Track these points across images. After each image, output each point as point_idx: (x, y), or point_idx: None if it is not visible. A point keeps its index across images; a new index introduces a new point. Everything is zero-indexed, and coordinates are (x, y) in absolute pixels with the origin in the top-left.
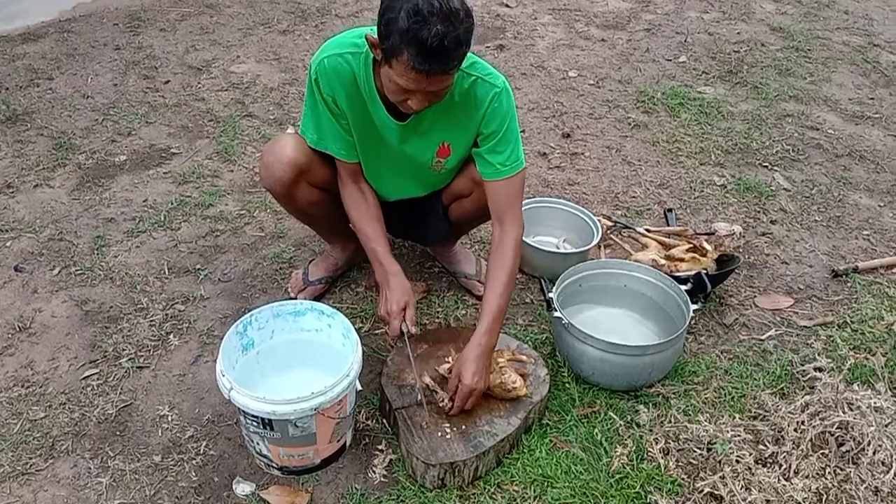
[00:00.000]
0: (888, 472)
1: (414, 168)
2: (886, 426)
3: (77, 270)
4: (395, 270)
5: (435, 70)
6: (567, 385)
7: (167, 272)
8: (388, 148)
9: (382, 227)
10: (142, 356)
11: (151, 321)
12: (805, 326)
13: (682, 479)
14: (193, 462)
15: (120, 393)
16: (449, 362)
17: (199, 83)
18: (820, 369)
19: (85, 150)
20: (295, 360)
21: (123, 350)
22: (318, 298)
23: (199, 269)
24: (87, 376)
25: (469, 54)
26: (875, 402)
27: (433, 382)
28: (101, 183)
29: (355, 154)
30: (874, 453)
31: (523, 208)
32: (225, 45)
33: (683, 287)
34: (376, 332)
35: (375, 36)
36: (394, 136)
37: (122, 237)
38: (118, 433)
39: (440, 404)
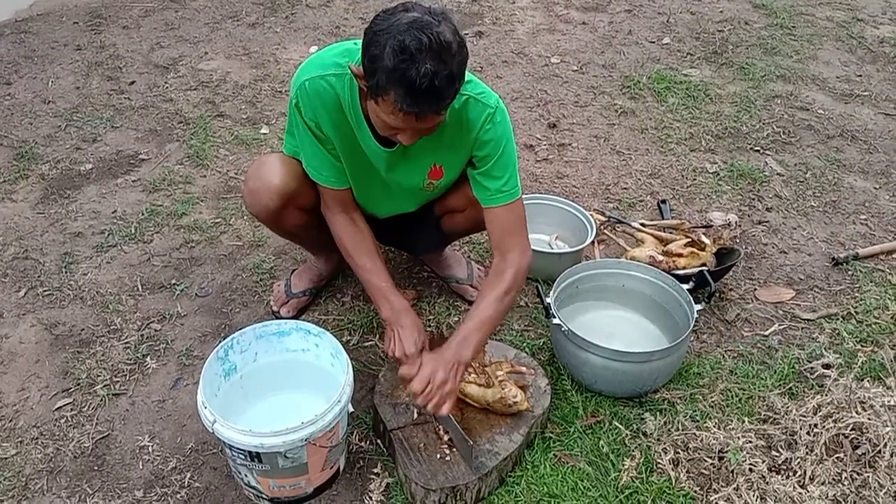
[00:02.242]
0: None
1: (405, 191)
2: None
3: (45, 291)
4: (404, 307)
5: (425, 112)
6: (568, 394)
7: (141, 289)
8: (377, 173)
9: (381, 258)
10: (118, 382)
11: (126, 343)
12: (809, 319)
13: (695, 491)
14: (178, 496)
15: (96, 423)
16: None
17: (166, 83)
18: (828, 366)
19: (48, 160)
20: (281, 383)
21: (98, 376)
22: (302, 311)
23: (174, 283)
24: (60, 407)
25: None
26: (888, 401)
27: None
28: (66, 194)
29: (345, 180)
30: (891, 455)
31: None
32: (192, 41)
33: (685, 286)
34: (365, 344)
35: (359, 67)
36: (382, 162)
37: (91, 253)
38: (96, 468)
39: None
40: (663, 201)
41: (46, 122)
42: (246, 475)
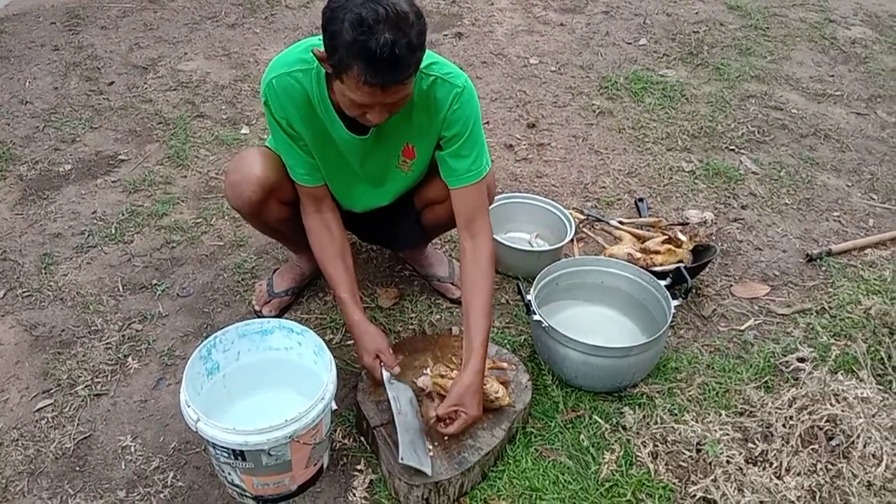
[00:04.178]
0: (879, 464)
1: (381, 177)
2: (874, 416)
3: (24, 292)
4: (357, 319)
5: (389, 82)
6: (549, 389)
7: (121, 289)
8: (351, 165)
9: (347, 264)
10: (99, 383)
11: (107, 344)
12: (783, 314)
13: (674, 483)
14: (161, 496)
15: (77, 424)
16: (427, 374)
17: (145, 83)
18: (802, 360)
19: (26, 161)
20: (264, 381)
21: (79, 377)
22: (284, 310)
23: (155, 284)
24: (41, 408)
25: (428, 52)
26: (861, 393)
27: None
28: (45, 195)
29: (319, 176)
30: (864, 446)
31: (494, 205)
32: (171, 41)
33: (663, 282)
34: (348, 342)
35: (322, 50)
36: (356, 152)
37: (71, 253)
38: (78, 469)
39: (429, 418)
40: (641, 199)
41: (24, 122)
42: (230, 474)
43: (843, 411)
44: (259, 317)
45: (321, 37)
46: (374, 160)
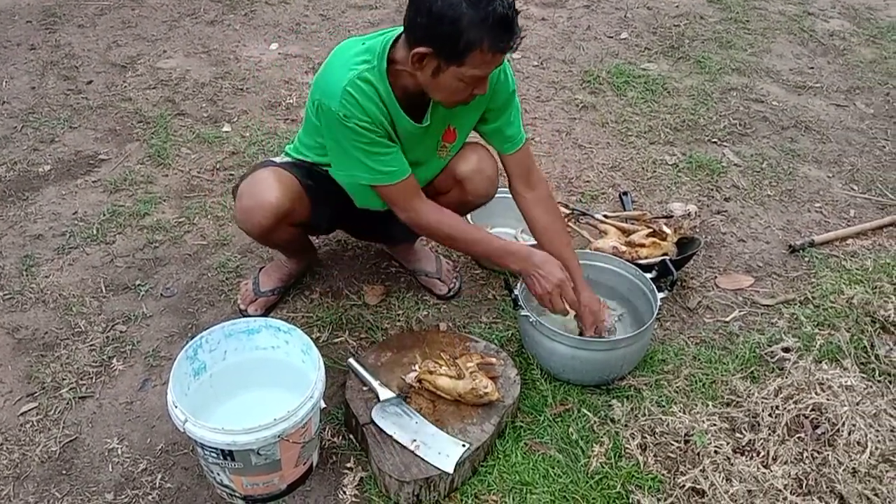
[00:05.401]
0: (864, 451)
1: (420, 165)
2: (858, 404)
3: (5, 295)
4: (529, 251)
5: (514, 41)
6: (537, 383)
7: (104, 290)
8: (409, 154)
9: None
10: (84, 385)
11: (91, 345)
12: (768, 305)
13: (663, 474)
14: (149, 498)
15: (63, 427)
16: (416, 370)
17: (124, 82)
18: (787, 350)
19: (5, 162)
20: (252, 381)
21: (63, 379)
22: (270, 309)
23: (138, 284)
24: (25, 412)
25: None
26: (845, 381)
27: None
28: (25, 196)
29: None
30: (849, 434)
31: None
32: (149, 39)
33: (648, 275)
34: (335, 340)
35: (422, 49)
36: (414, 140)
37: (52, 255)
38: (64, 472)
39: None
40: (625, 193)
41: (1, 123)
42: (219, 474)
43: (827, 400)
44: (244, 316)
45: (359, 39)
46: (421, 147)
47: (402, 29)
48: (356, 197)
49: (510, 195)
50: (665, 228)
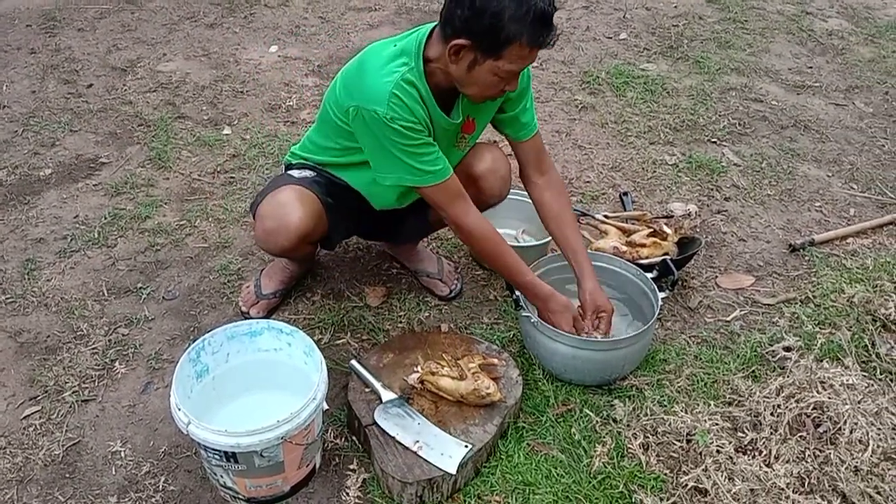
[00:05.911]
0: (866, 450)
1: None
2: (859, 403)
3: (7, 299)
4: (547, 294)
5: (551, 37)
6: (539, 384)
7: (106, 294)
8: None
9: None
10: (86, 388)
11: (94, 349)
12: (768, 304)
13: (665, 474)
14: (153, 500)
15: (66, 431)
16: (418, 371)
17: (124, 85)
18: (788, 349)
19: (6, 166)
20: (254, 383)
21: (66, 383)
22: (272, 311)
23: (140, 287)
24: (28, 415)
25: None
26: (847, 380)
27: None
28: (26, 200)
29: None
30: (851, 432)
31: None
32: (149, 42)
33: (649, 275)
34: (337, 342)
35: (460, 41)
36: (446, 135)
37: (53, 259)
38: (67, 475)
39: (585, 335)
40: (625, 193)
41: (2, 127)
42: (222, 476)
43: (829, 398)
44: (246, 318)
45: (389, 41)
46: (444, 141)
47: (427, 28)
48: (375, 200)
49: (511, 196)
50: (665, 228)
